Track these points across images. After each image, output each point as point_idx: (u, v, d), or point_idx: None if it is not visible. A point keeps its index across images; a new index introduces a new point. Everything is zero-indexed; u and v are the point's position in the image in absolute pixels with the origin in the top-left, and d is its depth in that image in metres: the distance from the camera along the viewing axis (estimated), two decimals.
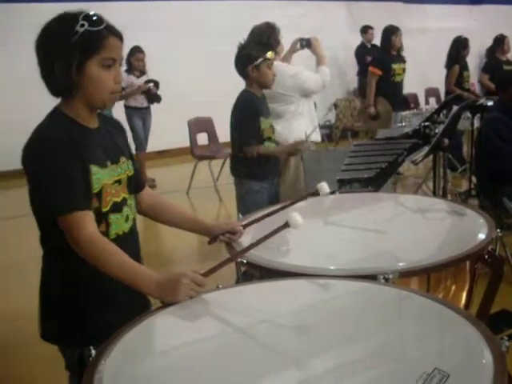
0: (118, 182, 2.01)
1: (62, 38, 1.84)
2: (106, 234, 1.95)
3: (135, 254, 2.09)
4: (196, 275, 1.80)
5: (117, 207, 1.99)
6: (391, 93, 7.63)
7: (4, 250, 5.98)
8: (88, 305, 1.98)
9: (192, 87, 9.69)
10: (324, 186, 2.35)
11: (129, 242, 2.07)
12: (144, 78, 8.14)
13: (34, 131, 1.90)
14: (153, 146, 8.66)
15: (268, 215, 2.41)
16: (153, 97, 8.29)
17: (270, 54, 3.84)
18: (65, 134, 1.88)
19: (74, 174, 1.84)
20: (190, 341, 1.61)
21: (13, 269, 5.29)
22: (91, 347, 1.53)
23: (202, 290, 1.80)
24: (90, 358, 1.50)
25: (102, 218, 1.95)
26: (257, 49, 3.85)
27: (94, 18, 1.87)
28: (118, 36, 1.92)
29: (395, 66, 7.65)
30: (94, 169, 1.91)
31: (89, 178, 1.89)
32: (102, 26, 1.87)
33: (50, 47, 1.87)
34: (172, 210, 2.30)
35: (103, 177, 1.94)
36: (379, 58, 7.89)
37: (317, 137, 4.91)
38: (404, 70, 7.79)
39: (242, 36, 4.25)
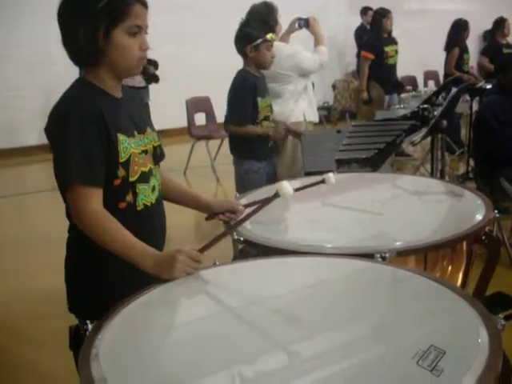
0: (145, 151, 2.00)
1: (88, 5, 1.82)
2: (133, 204, 1.95)
3: (161, 225, 2.11)
4: (192, 251, 1.79)
5: (144, 177, 1.98)
6: (384, 76, 7.61)
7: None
8: (109, 278, 1.97)
9: (190, 66, 9.65)
10: (331, 178, 2.34)
11: (156, 213, 2.07)
12: None
13: (59, 100, 1.89)
14: None
15: (269, 200, 2.37)
16: (150, 77, 8.25)
17: (270, 36, 3.83)
18: (91, 103, 1.86)
19: (96, 147, 1.83)
20: (184, 318, 1.62)
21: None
22: (88, 321, 1.53)
23: (199, 266, 1.79)
24: (87, 333, 1.50)
25: (129, 188, 1.93)
26: (258, 29, 3.83)
27: None
28: (143, 3, 1.90)
29: (387, 49, 7.64)
30: (122, 137, 1.89)
31: (116, 146, 1.88)
32: None
33: (75, 14, 1.84)
34: (171, 185, 2.28)
35: (130, 146, 1.92)
36: (371, 41, 7.86)
37: (315, 117, 4.91)
38: (396, 51, 7.78)
39: (241, 15, 4.23)
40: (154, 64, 8.10)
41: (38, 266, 4.87)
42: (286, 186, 1.86)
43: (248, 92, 3.86)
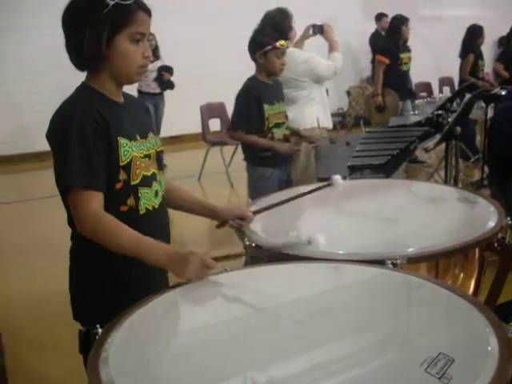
0: (148, 156, 2.01)
1: (92, 10, 1.84)
2: (135, 208, 1.96)
3: (165, 230, 2.12)
4: (207, 258, 1.79)
5: (146, 181, 1.99)
6: (399, 82, 7.60)
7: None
8: (115, 284, 1.98)
9: (205, 73, 9.69)
10: (338, 179, 2.34)
11: (159, 218, 2.08)
12: (158, 64, 8.14)
13: (61, 104, 1.92)
14: (166, 131, 8.67)
15: (278, 205, 2.39)
16: (166, 83, 8.29)
17: (281, 43, 3.79)
18: (92, 107, 1.88)
19: (97, 151, 1.84)
20: (193, 323, 1.62)
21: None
22: (98, 326, 1.54)
23: (209, 273, 1.80)
24: (97, 337, 1.51)
25: (130, 191, 1.95)
26: (269, 35, 3.82)
27: None
28: (147, 11, 1.93)
29: (402, 56, 7.64)
30: (123, 141, 1.91)
31: (117, 150, 1.89)
32: (132, 0, 1.88)
33: (79, 19, 1.87)
34: (181, 195, 2.29)
35: (132, 149, 1.93)
36: (387, 46, 7.86)
37: (329, 124, 4.90)
38: (410, 58, 7.79)
39: (256, 22, 4.24)
40: (169, 70, 8.14)
41: (40, 271, 4.92)
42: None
43: (251, 99, 3.85)
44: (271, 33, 3.83)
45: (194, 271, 1.76)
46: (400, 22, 7.63)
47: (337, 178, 2.35)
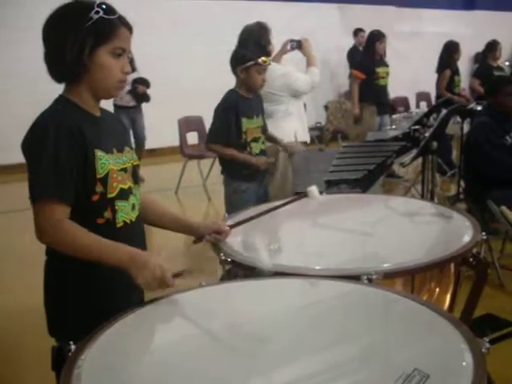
0: (124, 170, 2.00)
1: (76, 23, 1.86)
2: (112, 221, 1.95)
3: (141, 244, 2.09)
4: (167, 275, 1.77)
5: (124, 195, 1.98)
6: (376, 97, 7.65)
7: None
8: (92, 299, 1.96)
9: (183, 86, 9.68)
10: (314, 191, 2.33)
11: (136, 231, 2.07)
12: (134, 76, 8.06)
13: (38, 116, 1.91)
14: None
15: (253, 218, 2.38)
16: (140, 96, 8.15)
17: (263, 59, 3.80)
18: (69, 119, 1.87)
19: (70, 163, 1.83)
20: (166, 340, 1.61)
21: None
22: (71, 342, 1.52)
23: (161, 288, 1.78)
24: (70, 353, 1.49)
25: (107, 204, 1.94)
26: (251, 51, 3.83)
27: (108, 7, 1.90)
28: (129, 27, 1.96)
29: (379, 70, 7.70)
30: (100, 153, 1.90)
31: (94, 162, 1.88)
32: (115, 16, 1.91)
33: (63, 30, 1.87)
34: (156, 210, 2.26)
35: (109, 162, 1.93)
36: (363, 61, 7.92)
37: (306, 138, 4.92)
38: (387, 73, 7.85)
39: (235, 36, 4.25)
40: (144, 83, 8.02)
41: (15, 284, 4.85)
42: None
43: (229, 112, 3.85)
44: (254, 48, 3.85)
45: (149, 279, 1.75)
46: (375, 37, 7.69)
47: (312, 189, 2.34)
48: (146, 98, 8.20)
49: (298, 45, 4.93)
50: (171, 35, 9.89)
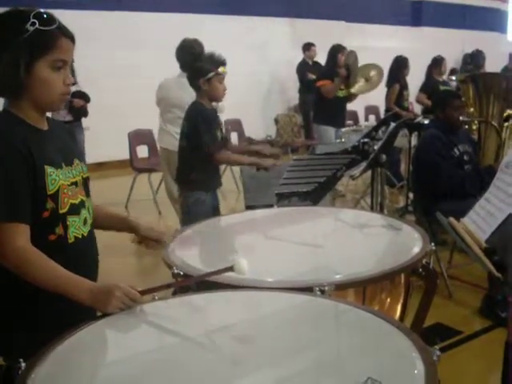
0: (75, 183, 1.96)
1: (11, 35, 1.78)
2: (64, 236, 1.91)
3: (94, 258, 2.07)
4: (130, 290, 1.77)
5: (75, 209, 1.94)
6: (335, 108, 7.65)
7: None
8: (42, 317, 1.91)
9: (133, 99, 9.61)
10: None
11: (88, 246, 2.04)
12: (72, 89, 7.80)
13: None
14: (92, 157, 8.54)
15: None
16: (77, 110, 7.63)
17: (222, 69, 3.86)
18: (16, 136, 1.82)
19: (21, 183, 1.79)
20: (117, 356, 1.59)
21: None
22: (21, 360, 1.48)
23: (134, 305, 1.77)
24: (19, 371, 1.46)
25: (58, 220, 1.89)
26: (209, 62, 3.86)
27: (46, 17, 1.82)
28: (70, 37, 1.87)
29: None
30: (49, 169, 1.85)
31: (44, 178, 1.83)
32: (53, 26, 1.82)
33: None
34: (98, 211, 2.20)
35: (59, 177, 1.88)
36: (323, 73, 7.95)
37: None
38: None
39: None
40: (83, 97, 7.48)
41: None
42: (243, 265, 1.78)
43: (212, 121, 3.89)
44: (210, 60, 3.87)
45: (117, 305, 1.74)
46: (337, 50, 7.72)
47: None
48: (83, 112, 7.68)
49: None
50: (119, 47, 9.79)
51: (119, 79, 9.69)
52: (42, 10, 1.83)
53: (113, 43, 9.73)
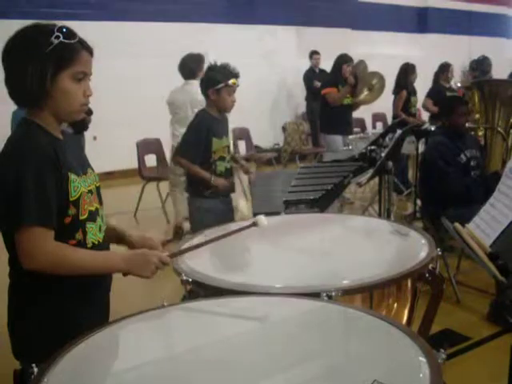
0: (90, 192, 2.02)
1: (37, 47, 1.85)
2: (83, 242, 1.97)
3: None
4: (162, 255, 1.96)
5: (92, 216, 2.01)
6: (340, 116, 7.67)
7: None
8: (58, 320, 1.96)
9: (141, 109, 9.65)
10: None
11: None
12: None
13: (9, 143, 1.89)
14: (100, 167, 8.57)
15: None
16: (79, 124, 7.50)
17: (233, 81, 3.93)
18: (45, 144, 1.88)
19: (51, 188, 1.85)
20: (129, 361, 1.61)
21: None
22: (33, 365, 1.51)
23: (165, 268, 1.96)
24: (32, 376, 1.48)
25: (79, 226, 1.96)
26: (221, 73, 3.92)
27: (68, 31, 1.89)
28: (89, 51, 1.96)
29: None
30: (73, 176, 1.92)
31: (67, 185, 1.90)
32: (75, 40, 1.90)
33: (23, 55, 1.86)
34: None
35: (80, 184, 1.95)
36: (328, 81, 7.97)
37: None
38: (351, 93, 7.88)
39: None
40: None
41: None
42: (262, 218, 2.18)
43: (202, 131, 3.96)
44: (223, 71, 3.92)
45: (153, 270, 1.93)
46: (343, 60, 7.74)
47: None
48: (83, 126, 7.57)
49: None
50: (129, 59, 9.85)
51: (127, 89, 9.73)
52: (64, 25, 1.91)
53: (121, 53, 9.78)
